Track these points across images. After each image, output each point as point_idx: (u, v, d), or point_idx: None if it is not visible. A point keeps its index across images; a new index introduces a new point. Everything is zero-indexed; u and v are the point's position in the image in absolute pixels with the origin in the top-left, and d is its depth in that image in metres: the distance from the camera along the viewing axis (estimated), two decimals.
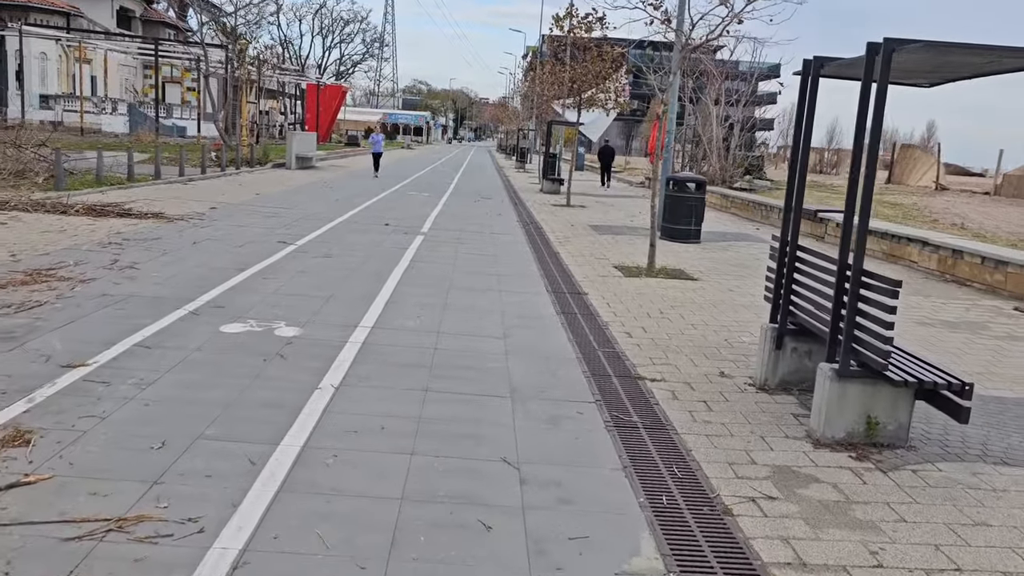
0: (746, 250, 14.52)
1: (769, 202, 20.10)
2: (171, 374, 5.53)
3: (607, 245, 14.08)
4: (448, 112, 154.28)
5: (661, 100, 17.39)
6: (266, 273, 9.35)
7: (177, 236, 11.61)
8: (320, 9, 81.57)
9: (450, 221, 16.35)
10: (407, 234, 13.80)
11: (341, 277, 9.44)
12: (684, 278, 10.95)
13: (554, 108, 36.60)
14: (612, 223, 17.93)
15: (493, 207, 20.38)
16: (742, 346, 7.42)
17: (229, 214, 14.72)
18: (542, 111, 38.01)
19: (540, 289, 9.67)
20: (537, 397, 5.62)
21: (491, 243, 13.49)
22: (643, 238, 14.99)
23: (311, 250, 11.29)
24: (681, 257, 12.99)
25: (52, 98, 49.54)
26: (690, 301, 9.39)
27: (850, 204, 5.07)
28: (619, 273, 11.05)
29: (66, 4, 52.08)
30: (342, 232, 13.49)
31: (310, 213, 15.85)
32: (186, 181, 20.72)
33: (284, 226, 13.58)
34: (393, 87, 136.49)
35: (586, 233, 15.77)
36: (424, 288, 9.17)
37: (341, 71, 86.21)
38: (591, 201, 24.10)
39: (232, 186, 20.81)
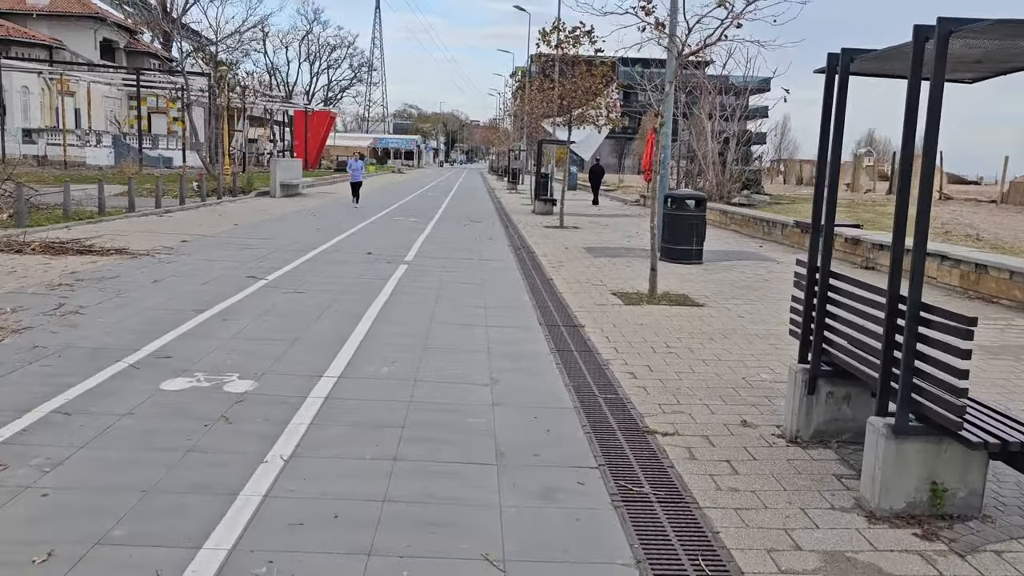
0: (752, 270, 13.64)
1: (771, 217, 19.26)
2: (87, 450, 4.60)
3: (604, 269, 13.19)
4: (439, 135, 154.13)
5: (656, 113, 16.62)
6: (228, 314, 8.44)
7: (137, 274, 10.70)
8: (307, 36, 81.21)
9: (437, 247, 15.47)
10: (390, 263, 12.91)
11: (312, 316, 8.52)
12: (689, 304, 10.05)
13: (544, 127, 35.92)
14: (608, 244, 17.06)
15: (483, 231, 19.52)
16: (763, 385, 6.51)
17: (200, 247, 13.82)
18: (532, 130, 37.32)
19: (532, 322, 8.77)
20: (529, 463, 4.70)
21: (479, 270, 12.60)
22: (642, 260, 14.12)
23: (282, 285, 10.38)
24: (684, 280, 12.11)
25: (35, 132, 48.78)
26: (698, 331, 8.49)
27: (900, 224, 4.17)
28: (618, 301, 10.15)
29: (48, 37, 51.47)
30: (320, 263, 12.59)
31: (288, 243, 14.96)
32: (162, 213, 19.84)
33: (257, 259, 12.67)
34: (383, 112, 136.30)
35: (581, 256, 14.89)
36: (403, 325, 8.26)
37: (329, 97, 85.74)
38: (585, 222, 23.25)
39: (210, 217, 19.93)
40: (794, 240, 17.64)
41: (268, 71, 77.83)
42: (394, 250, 14.68)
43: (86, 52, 53.84)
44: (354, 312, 8.78)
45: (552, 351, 7.46)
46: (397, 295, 10.00)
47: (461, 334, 8.02)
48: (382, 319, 8.52)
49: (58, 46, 51.61)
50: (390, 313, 8.86)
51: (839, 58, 4.89)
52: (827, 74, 5.00)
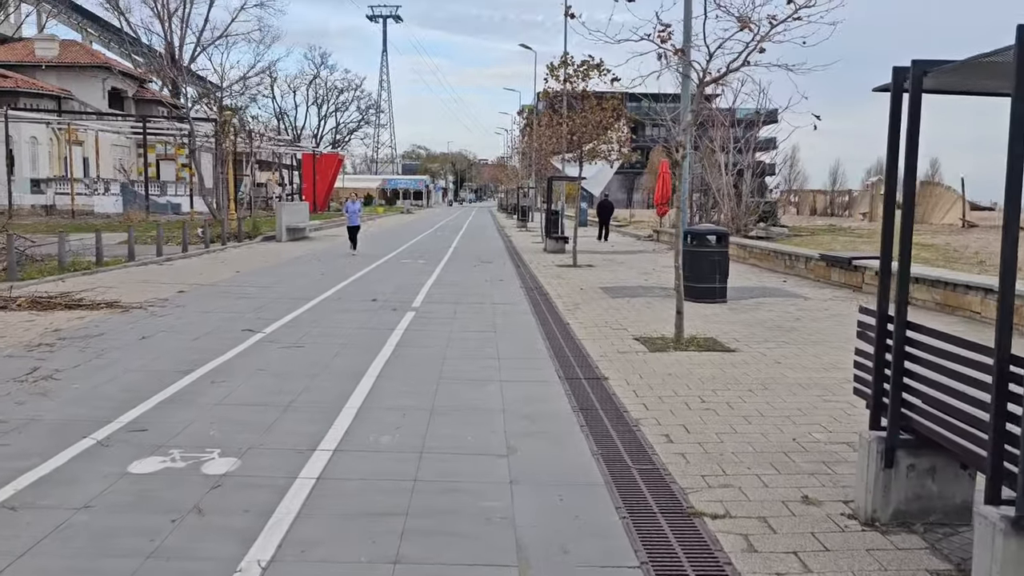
0: (780, 308, 12.84)
1: (794, 251, 18.49)
2: (28, 558, 3.84)
3: (623, 311, 12.43)
4: (448, 175, 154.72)
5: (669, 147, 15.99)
6: (217, 375, 7.71)
7: (125, 330, 10.01)
8: (314, 79, 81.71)
9: (446, 291, 14.76)
10: (396, 311, 12.19)
11: (309, 375, 7.78)
12: (719, 349, 9.26)
13: (553, 164, 35.45)
14: (625, 283, 16.31)
15: (494, 272, 18.82)
16: (817, 448, 5.70)
17: (197, 298, 13.15)
18: (541, 167, 36.85)
19: (550, 374, 8.00)
20: (557, 563, 3.90)
21: (491, 316, 11.86)
22: (662, 300, 13.36)
23: (280, 339, 9.66)
24: (709, 321, 11.32)
25: (43, 182, 48.75)
26: (734, 381, 7.69)
27: (1010, 265, 3.40)
28: (642, 347, 9.37)
29: (56, 88, 51.72)
30: (322, 313, 11.88)
31: (290, 291, 14.28)
32: (163, 262, 19.25)
33: (256, 310, 11.98)
34: (392, 153, 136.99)
35: (598, 297, 14.14)
36: (408, 383, 7.50)
37: (337, 139, 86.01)
38: (599, 259, 22.53)
39: (213, 264, 19.33)
40: (819, 274, 16.84)
41: (276, 116, 78.19)
42: (401, 296, 13.97)
43: (94, 101, 54.07)
44: (355, 369, 8.03)
45: (575, 410, 6.67)
46: (403, 347, 9.26)
47: (473, 392, 7.25)
48: (386, 376, 7.77)
49: (66, 96, 51.81)
50: (394, 369, 8.11)
51: (908, 72, 4.16)
52: (892, 91, 4.27)
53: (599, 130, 19.61)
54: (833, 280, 16.23)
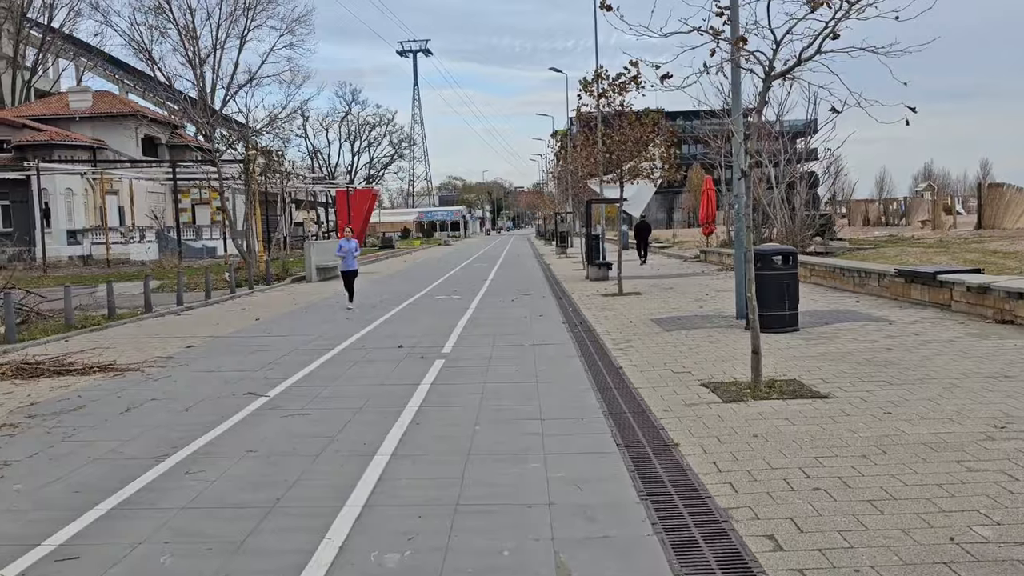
0: (863, 335, 11.13)
1: (864, 267, 16.68)
2: None
3: (682, 348, 10.83)
4: (484, 204, 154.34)
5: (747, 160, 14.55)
6: (197, 460, 6.31)
7: (111, 401, 8.71)
8: (346, 116, 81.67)
9: (481, 332, 13.31)
10: (424, 359, 10.76)
11: (308, 456, 6.35)
12: (808, 396, 7.63)
13: (591, 187, 34.01)
14: (679, 313, 14.69)
15: (533, 305, 17.34)
16: (988, 554, 4.07)
17: (204, 354, 11.88)
18: (578, 191, 35.48)
19: (605, 441, 6.46)
20: None
21: (532, 362, 10.35)
22: (725, 332, 11.75)
23: (285, 404, 8.27)
24: (785, 357, 9.68)
25: (80, 232, 48.78)
26: (839, 443, 6.07)
27: None
28: (713, 396, 7.78)
29: (90, 138, 51.89)
30: (340, 366, 10.50)
31: (309, 340, 12.96)
32: (182, 311, 18.14)
33: (266, 366, 10.64)
34: (427, 185, 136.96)
35: (650, 331, 12.56)
36: (430, 464, 6.03)
37: (371, 175, 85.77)
38: (645, 285, 20.92)
39: (233, 311, 18.16)
40: (897, 292, 15.03)
41: (310, 154, 78.18)
42: (430, 340, 12.55)
43: (128, 149, 54.17)
44: (366, 445, 6.58)
45: (642, 497, 5.13)
46: (427, 410, 7.79)
47: (509, 474, 5.74)
48: (403, 455, 6.29)
49: (100, 146, 51.94)
50: (414, 443, 6.64)
51: None
52: None
53: (639, 147, 18.11)
54: (914, 298, 14.42)
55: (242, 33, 58.27)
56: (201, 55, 54.03)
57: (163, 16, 52.48)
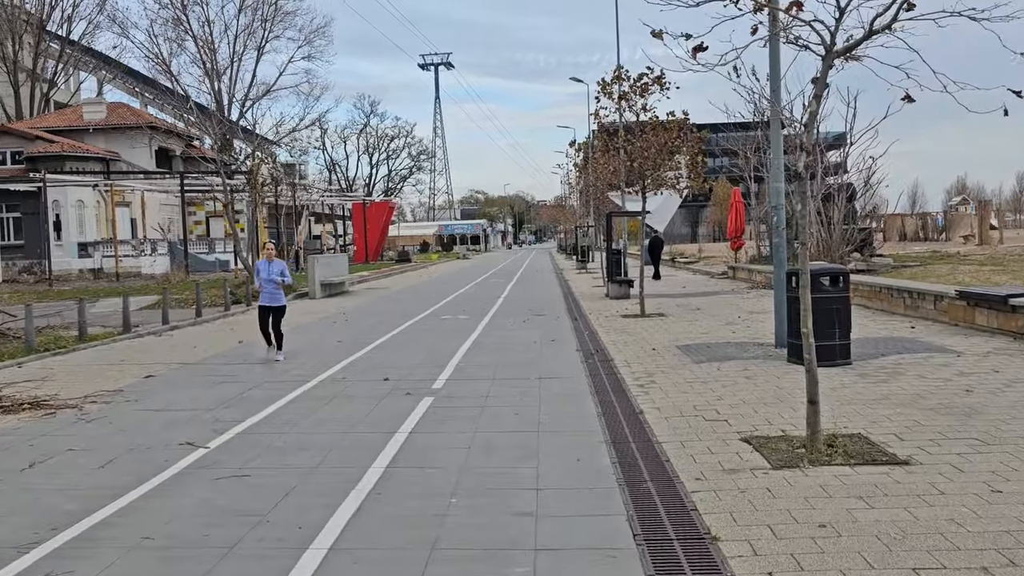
0: (930, 370, 9.38)
1: (917, 287, 14.87)
2: None
3: (714, 385, 9.15)
4: (506, 217, 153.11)
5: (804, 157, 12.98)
6: (74, 551, 4.73)
7: (20, 449, 7.18)
8: (364, 128, 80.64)
9: (483, 360, 11.70)
10: (410, 396, 9.17)
11: (219, 548, 4.74)
12: (882, 460, 5.92)
13: (612, 199, 32.44)
14: (708, 339, 13.00)
15: (546, 327, 15.71)
16: None
17: (162, 385, 10.36)
18: (599, 203, 33.91)
19: (618, 529, 4.82)
20: None
21: (535, 401, 8.72)
22: (762, 364, 10.06)
23: (225, 460, 6.69)
24: (842, 399, 7.97)
25: (91, 245, 47.90)
26: (944, 541, 4.37)
27: None
28: (759, 459, 6.10)
29: (103, 150, 51.11)
30: (309, 404, 8.92)
31: (287, 368, 11.41)
32: (164, 331, 16.69)
33: (225, 402, 9.09)
34: (449, 199, 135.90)
35: (676, 362, 10.89)
36: (373, 568, 4.41)
37: (390, 187, 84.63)
38: (670, 305, 19.22)
39: (220, 332, 16.68)
40: (956, 316, 13.24)
41: (328, 167, 77.18)
42: (423, 370, 10.95)
43: (142, 161, 53.32)
44: (302, 530, 4.97)
45: None
46: (394, 474, 6.18)
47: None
48: (343, 549, 4.68)
49: (113, 158, 51.12)
50: (363, 531, 5.01)
51: None
52: None
53: (663, 155, 16.47)
54: (979, 324, 12.62)
55: (259, 45, 57.52)
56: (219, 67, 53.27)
57: (181, 28, 51.86)
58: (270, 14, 57.40)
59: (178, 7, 52.06)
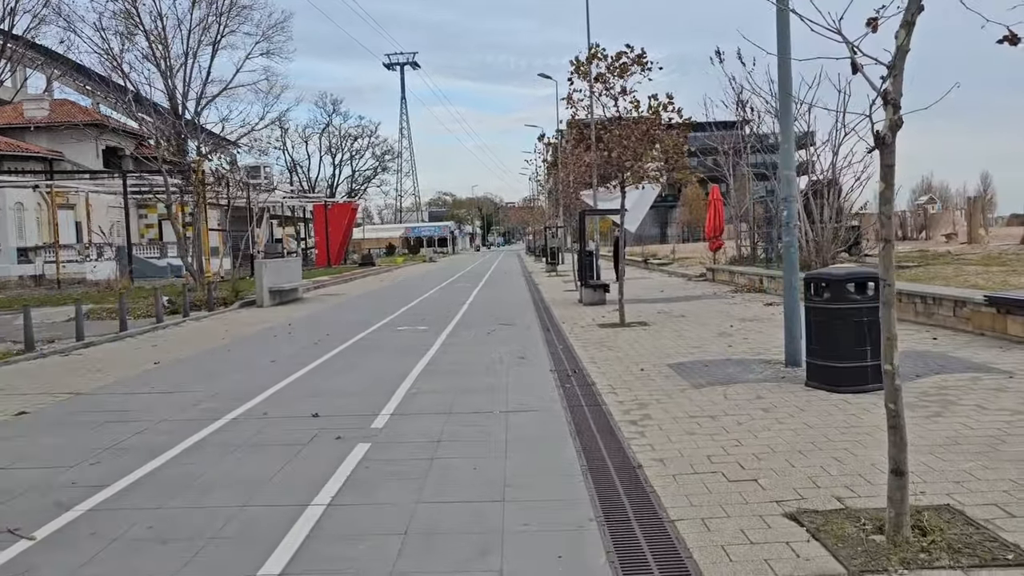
0: (992, 401, 7.57)
1: (934, 291, 13.12)
2: None
3: (725, 421, 7.26)
4: (474, 220, 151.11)
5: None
6: None
7: None
8: (326, 128, 78.08)
9: (438, 387, 9.71)
10: (340, 440, 7.16)
11: None
12: (1006, 561, 4.05)
13: (584, 200, 30.64)
14: (703, 355, 11.12)
15: (514, 341, 13.75)
16: None
17: (32, 427, 8.22)
18: (569, 201, 32.06)
19: None
20: None
21: (500, 448, 6.76)
22: (777, 388, 8.17)
23: (49, 561, 4.64)
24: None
25: (31, 250, 45.07)
26: None
27: None
28: (823, 556, 4.19)
29: (45, 149, 48.25)
30: (205, 458, 6.87)
31: (195, 402, 9.31)
32: (73, 349, 14.44)
33: (96, 454, 7.00)
34: (416, 200, 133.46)
35: (670, 385, 8.98)
36: None
37: (354, 188, 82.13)
38: (651, 311, 17.37)
39: (140, 350, 14.47)
40: (982, 325, 11.53)
41: (288, 168, 74.53)
42: (363, 401, 8.94)
43: (88, 161, 50.50)
44: None
45: None
46: (299, 567, 4.19)
47: None
48: None
49: (56, 157, 48.28)
50: None
51: None
52: None
53: (645, 143, 14.61)
54: (1012, 334, 10.91)
55: (214, 40, 54.89)
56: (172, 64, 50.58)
57: (131, 21, 49.13)
58: (225, 7, 54.87)
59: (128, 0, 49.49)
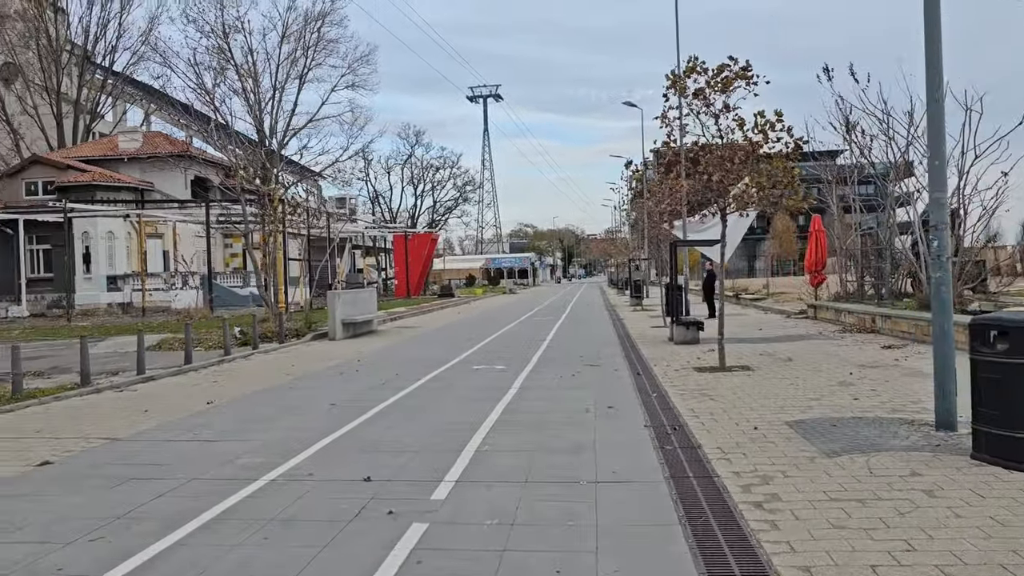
0: None
1: None
2: None
3: (881, 510, 5.61)
4: (555, 251, 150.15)
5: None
6: None
7: None
8: (409, 159, 78.45)
9: (514, 443, 8.30)
10: (392, 518, 5.82)
11: None
12: None
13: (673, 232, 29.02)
14: (825, 410, 9.38)
15: (601, 385, 12.25)
16: None
17: (49, 481, 7.18)
18: (657, 232, 30.49)
19: None
20: None
21: (588, 539, 5.28)
22: (934, 463, 6.38)
23: None
24: None
25: (120, 278, 45.97)
26: None
27: None
28: None
29: (137, 180, 49.39)
30: (221, 539, 5.62)
31: (236, 455, 8.14)
32: (130, 384, 13.63)
33: (105, 524, 5.84)
34: (497, 232, 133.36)
35: (797, 453, 7.33)
36: None
37: (434, 219, 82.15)
38: (751, 353, 15.61)
39: (198, 386, 13.57)
40: None
41: (371, 198, 75.02)
42: (426, 461, 7.59)
43: (176, 192, 51.44)
44: None
45: None
46: None
47: None
48: None
49: (147, 187, 49.35)
50: None
51: None
52: None
53: (749, 165, 13.00)
54: None
55: (302, 73, 55.68)
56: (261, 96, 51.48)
57: (223, 57, 50.23)
58: (313, 41, 55.68)
59: (220, 35, 50.64)
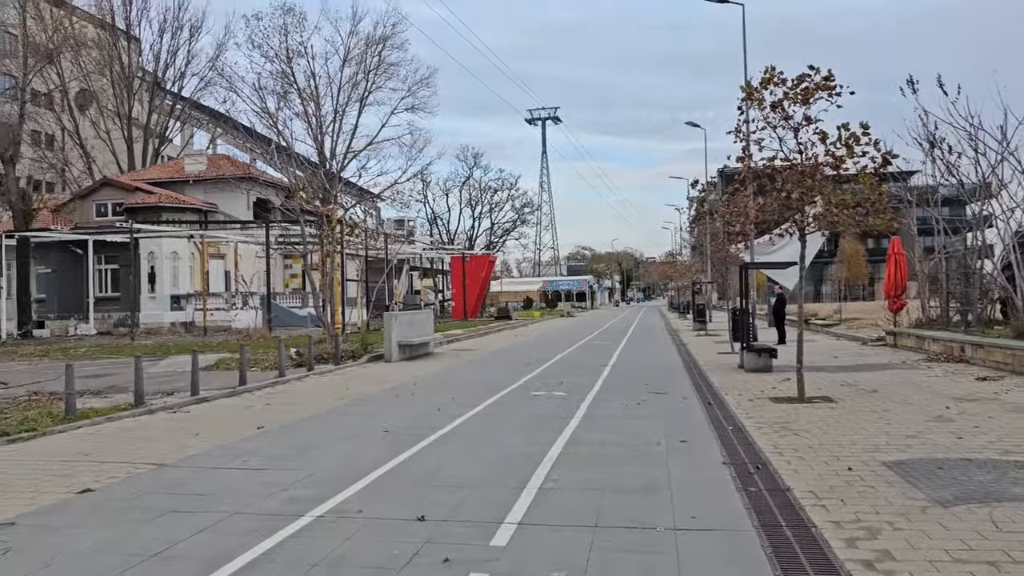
0: None
1: None
2: None
3: (1014, 571, 4.75)
4: (614, 274, 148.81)
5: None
6: None
7: None
8: (467, 180, 78.60)
9: (582, 479, 7.60)
10: (448, 563, 5.18)
11: None
12: None
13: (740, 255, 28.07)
14: (927, 451, 8.45)
15: (670, 416, 11.46)
16: None
17: (84, 513, 6.74)
18: (723, 255, 29.53)
19: None
20: None
21: None
22: None
23: None
24: None
25: (183, 298, 46.74)
26: None
27: None
28: None
29: (201, 201, 50.27)
30: None
31: (285, 485, 7.62)
32: (183, 405, 13.33)
33: (129, 567, 5.34)
34: (555, 254, 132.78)
35: (904, 501, 6.47)
36: None
37: (492, 241, 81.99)
38: (831, 383, 14.60)
39: (251, 408, 13.19)
40: None
41: (429, 220, 75.28)
42: (486, 496, 6.95)
43: (239, 213, 52.22)
44: None
45: None
46: None
47: None
48: None
49: (210, 209, 50.21)
50: None
51: None
52: None
53: (831, 182, 12.14)
54: None
55: (362, 96, 56.20)
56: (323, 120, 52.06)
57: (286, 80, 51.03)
58: (374, 65, 56.23)
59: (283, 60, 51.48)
